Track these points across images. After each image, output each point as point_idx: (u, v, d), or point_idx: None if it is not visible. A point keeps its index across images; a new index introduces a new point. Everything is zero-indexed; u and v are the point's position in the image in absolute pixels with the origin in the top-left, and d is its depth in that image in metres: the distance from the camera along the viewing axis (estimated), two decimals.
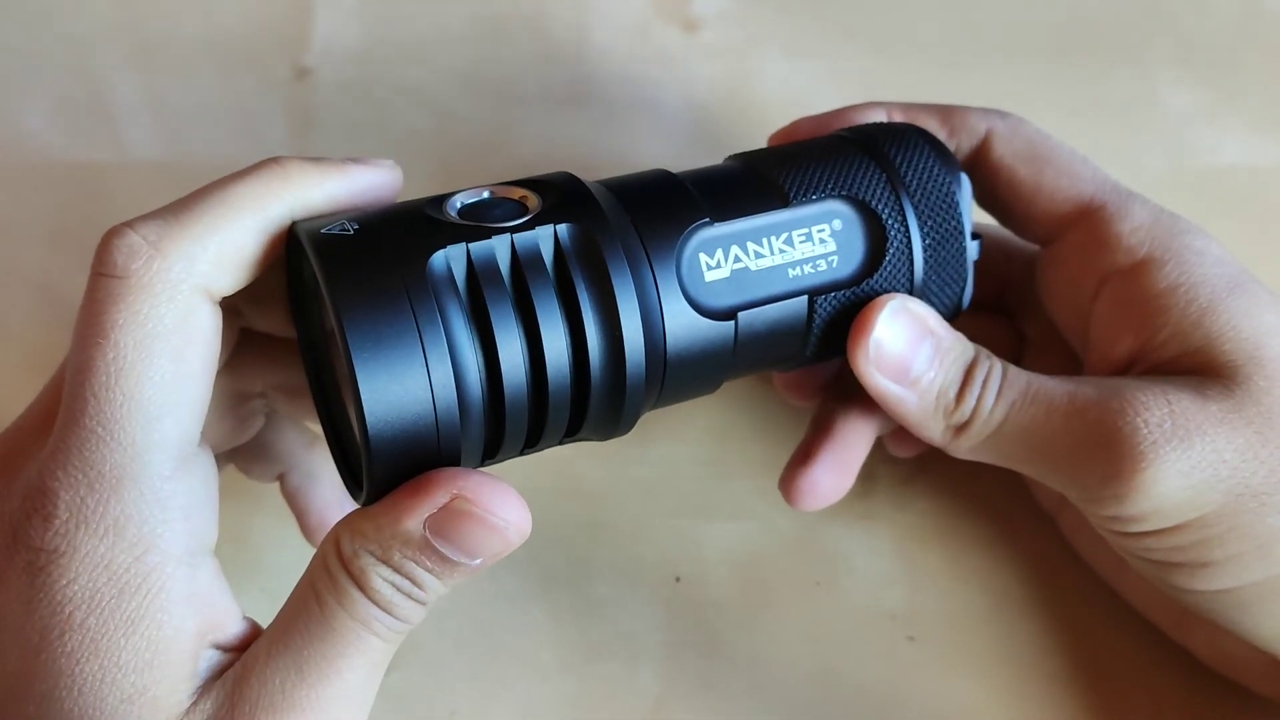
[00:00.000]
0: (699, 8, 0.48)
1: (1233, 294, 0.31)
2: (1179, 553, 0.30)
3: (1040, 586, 0.39)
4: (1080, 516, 0.38)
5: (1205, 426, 0.29)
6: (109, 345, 0.26)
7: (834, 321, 0.32)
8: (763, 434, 0.41)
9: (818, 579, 0.39)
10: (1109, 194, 0.34)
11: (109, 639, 0.26)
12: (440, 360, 0.26)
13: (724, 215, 0.30)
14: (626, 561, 0.39)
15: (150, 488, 0.26)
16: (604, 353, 0.28)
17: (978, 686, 0.37)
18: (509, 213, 0.28)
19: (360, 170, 0.29)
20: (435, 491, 0.26)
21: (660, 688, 0.37)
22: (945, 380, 0.31)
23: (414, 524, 0.26)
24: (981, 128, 0.35)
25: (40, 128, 0.46)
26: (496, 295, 0.27)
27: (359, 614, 0.27)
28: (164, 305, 0.26)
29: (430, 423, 0.26)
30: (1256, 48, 0.48)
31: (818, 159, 0.32)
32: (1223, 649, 0.35)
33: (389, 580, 0.27)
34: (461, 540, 0.26)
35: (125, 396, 0.26)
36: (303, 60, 0.47)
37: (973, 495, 0.40)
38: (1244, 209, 0.44)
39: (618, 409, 0.29)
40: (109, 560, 0.26)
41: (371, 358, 0.25)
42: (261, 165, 0.28)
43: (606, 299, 0.28)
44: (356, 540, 0.27)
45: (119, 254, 0.26)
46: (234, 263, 0.27)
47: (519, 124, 0.46)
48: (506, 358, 0.27)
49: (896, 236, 0.32)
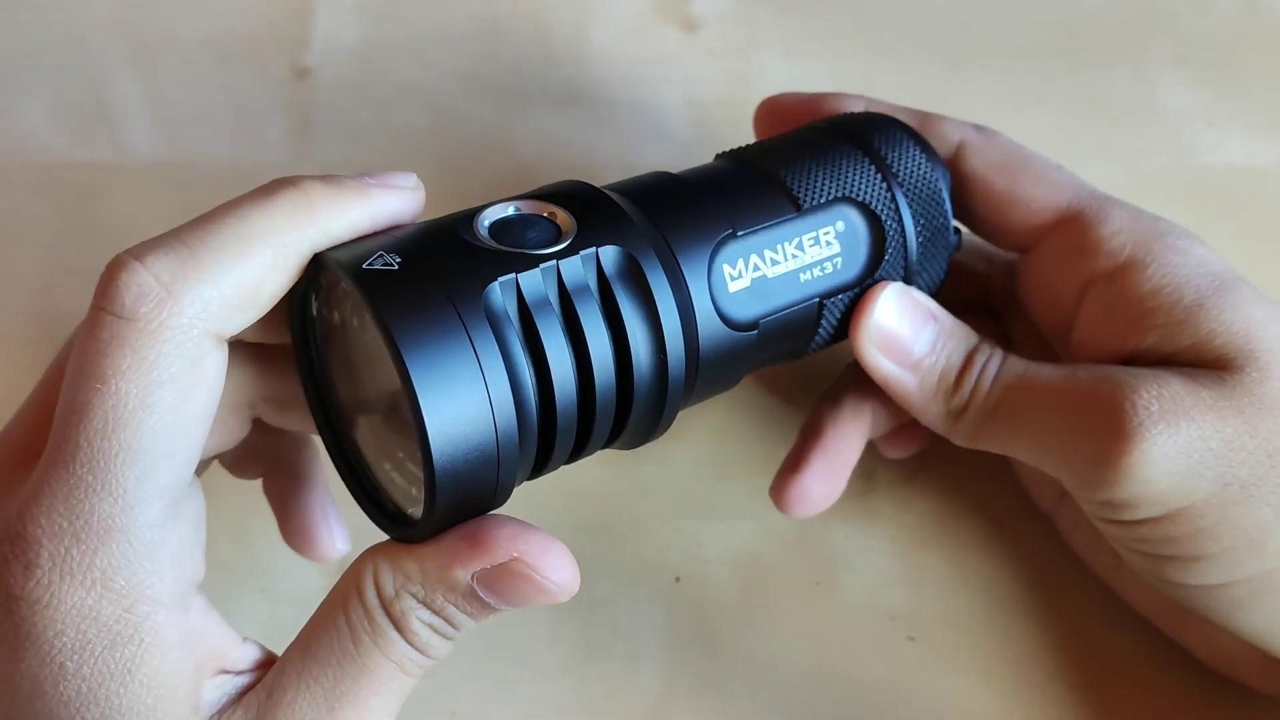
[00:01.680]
0: (699, 8, 0.48)
1: (1218, 292, 0.31)
2: (1171, 545, 0.30)
3: (1040, 586, 0.39)
4: (1077, 515, 0.38)
5: (1194, 411, 0.29)
6: (109, 392, 0.24)
7: (839, 319, 0.32)
8: (763, 434, 0.41)
9: (818, 579, 0.39)
10: (1086, 199, 0.34)
11: (106, 688, 0.25)
12: (499, 389, 0.25)
13: (744, 225, 0.30)
14: (626, 561, 0.39)
15: (140, 539, 0.25)
16: (649, 368, 0.28)
17: (978, 686, 0.37)
18: (545, 235, 0.28)
19: (383, 195, 0.28)
20: (495, 550, 0.26)
21: (660, 688, 0.37)
22: (947, 364, 0.32)
23: (464, 574, 0.26)
24: (955, 138, 0.35)
25: (40, 128, 0.46)
26: (548, 322, 0.27)
27: (394, 655, 0.26)
28: (173, 354, 0.25)
29: (492, 455, 0.25)
30: (1256, 48, 0.48)
31: (817, 159, 0.32)
32: (1219, 646, 0.35)
33: (428, 623, 0.26)
34: (509, 595, 0.26)
35: (121, 447, 0.24)
36: (303, 60, 0.47)
37: (973, 495, 0.40)
38: (1244, 209, 0.44)
39: (657, 417, 0.29)
40: (97, 613, 0.25)
41: (434, 389, 0.24)
42: (281, 188, 0.27)
43: (652, 320, 0.28)
44: (399, 580, 0.26)
45: (127, 294, 0.24)
46: (251, 304, 0.26)
47: (519, 124, 0.46)
48: (558, 376, 0.27)
49: (894, 236, 0.32)
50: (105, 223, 0.44)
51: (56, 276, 0.43)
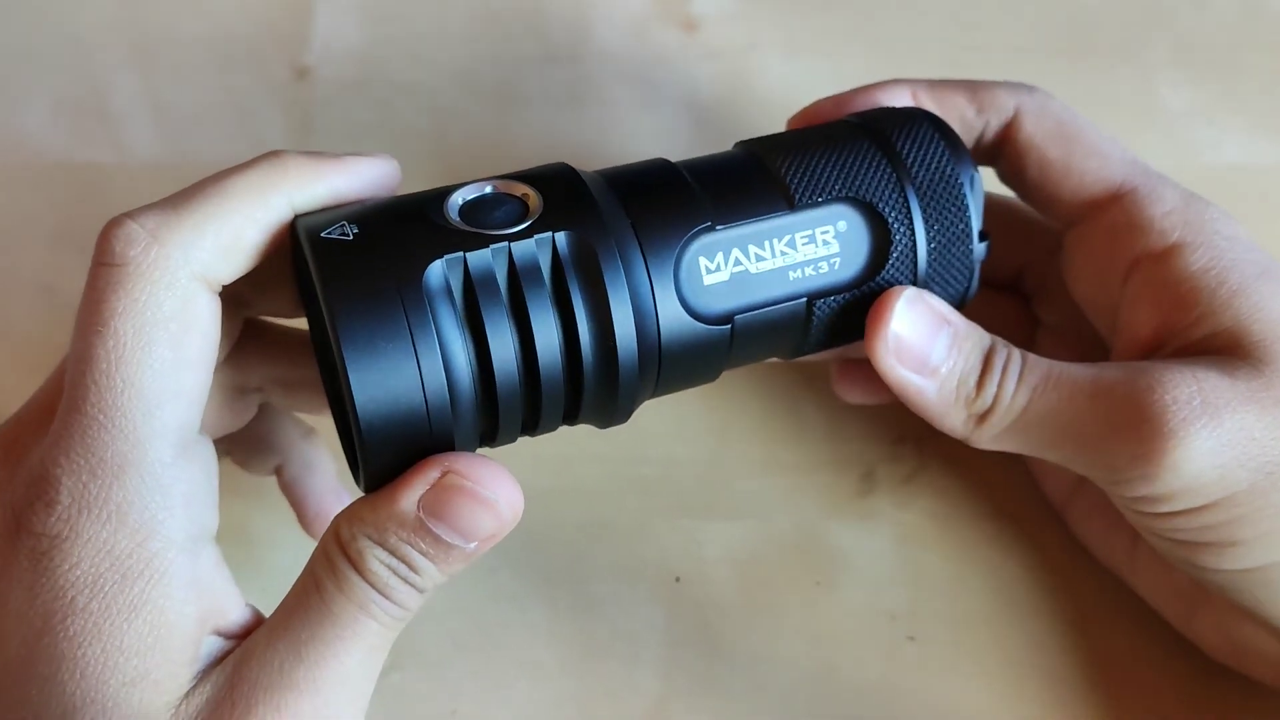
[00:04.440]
0: (699, 8, 0.48)
1: (1261, 279, 0.31)
2: (1207, 532, 0.30)
3: (1041, 586, 0.39)
4: (1089, 507, 0.38)
5: (1234, 404, 0.29)
6: (108, 333, 0.26)
7: (833, 320, 0.32)
8: (763, 434, 0.41)
9: (818, 579, 0.39)
10: (1139, 177, 0.34)
11: (111, 623, 0.26)
12: (430, 352, 0.26)
13: (727, 218, 0.30)
14: (626, 561, 0.39)
15: (151, 474, 0.26)
16: (597, 354, 0.28)
17: (978, 686, 0.37)
18: (510, 215, 0.28)
19: (359, 164, 0.29)
20: (426, 469, 0.27)
21: (660, 687, 0.37)
22: (965, 368, 0.31)
23: (407, 504, 0.27)
24: (1010, 105, 0.35)
25: (40, 128, 0.46)
26: (491, 301, 0.27)
27: (356, 597, 0.27)
28: (163, 292, 0.26)
29: (420, 409, 0.26)
30: (1256, 48, 0.48)
31: (825, 154, 0.31)
32: (1232, 638, 0.35)
33: (385, 563, 0.27)
34: (454, 518, 0.27)
35: (125, 383, 0.26)
36: (303, 60, 0.47)
37: (974, 494, 0.40)
38: (1244, 209, 0.44)
39: (613, 402, 0.29)
40: (111, 545, 0.26)
41: (362, 352, 0.26)
42: (261, 158, 0.28)
43: (601, 310, 0.28)
44: (354, 525, 0.27)
45: (118, 242, 0.27)
46: (233, 251, 0.28)
47: (519, 124, 0.46)
48: (498, 350, 0.27)
49: (901, 240, 0.31)
50: (105, 222, 0.44)
51: (56, 276, 0.43)
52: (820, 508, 0.40)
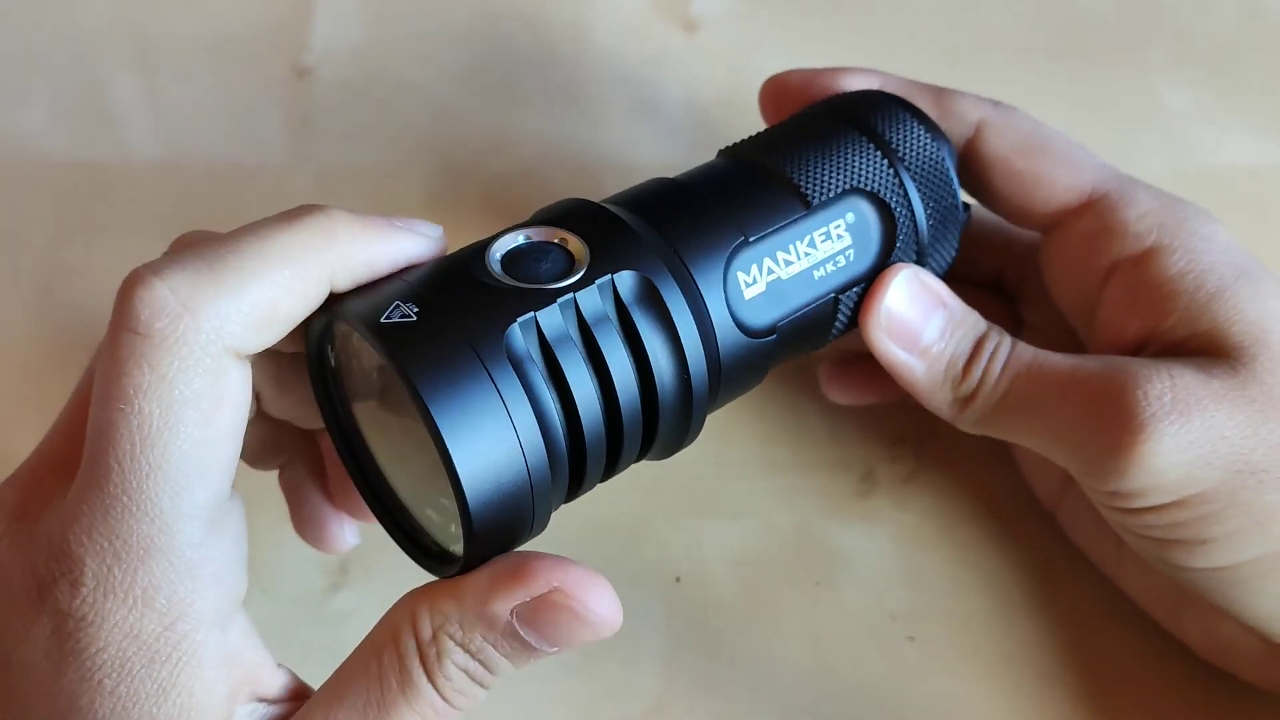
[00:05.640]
0: (699, 8, 0.48)
1: (1240, 280, 0.31)
2: (1178, 529, 0.31)
3: (1040, 586, 0.39)
4: (1078, 509, 0.38)
5: (1206, 401, 0.29)
6: (133, 412, 0.24)
7: (853, 311, 0.32)
8: (763, 434, 0.41)
9: (818, 579, 0.39)
10: (1111, 181, 0.34)
11: (140, 706, 0.25)
12: (526, 426, 0.25)
13: (755, 229, 0.30)
14: (627, 561, 0.39)
15: (180, 557, 0.25)
16: (673, 386, 0.28)
17: (978, 686, 0.37)
18: (559, 266, 0.28)
19: (405, 238, 0.28)
20: (534, 580, 0.25)
21: (660, 688, 0.37)
22: (955, 351, 0.32)
23: (503, 608, 0.25)
24: (974, 117, 0.35)
25: (40, 128, 0.46)
26: (570, 356, 0.27)
27: (420, 706, 0.26)
28: (192, 369, 0.25)
29: (525, 490, 0.25)
30: (1256, 48, 0.48)
31: (821, 150, 0.32)
32: (1217, 636, 0.35)
33: (462, 667, 0.26)
34: (550, 631, 0.26)
35: (151, 467, 0.24)
36: (303, 60, 0.47)
37: (974, 494, 0.40)
38: (1244, 209, 0.44)
39: (685, 429, 0.29)
40: (138, 631, 0.25)
41: (466, 445, 0.25)
42: (306, 213, 0.27)
43: (673, 340, 0.28)
44: (436, 620, 0.26)
45: (144, 309, 0.24)
46: (267, 322, 0.26)
47: (519, 124, 0.46)
48: (584, 405, 0.27)
49: (905, 222, 0.32)
50: (105, 223, 0.44)
51: (56, 276, 0.43)
52: (820, 508, 0.40)
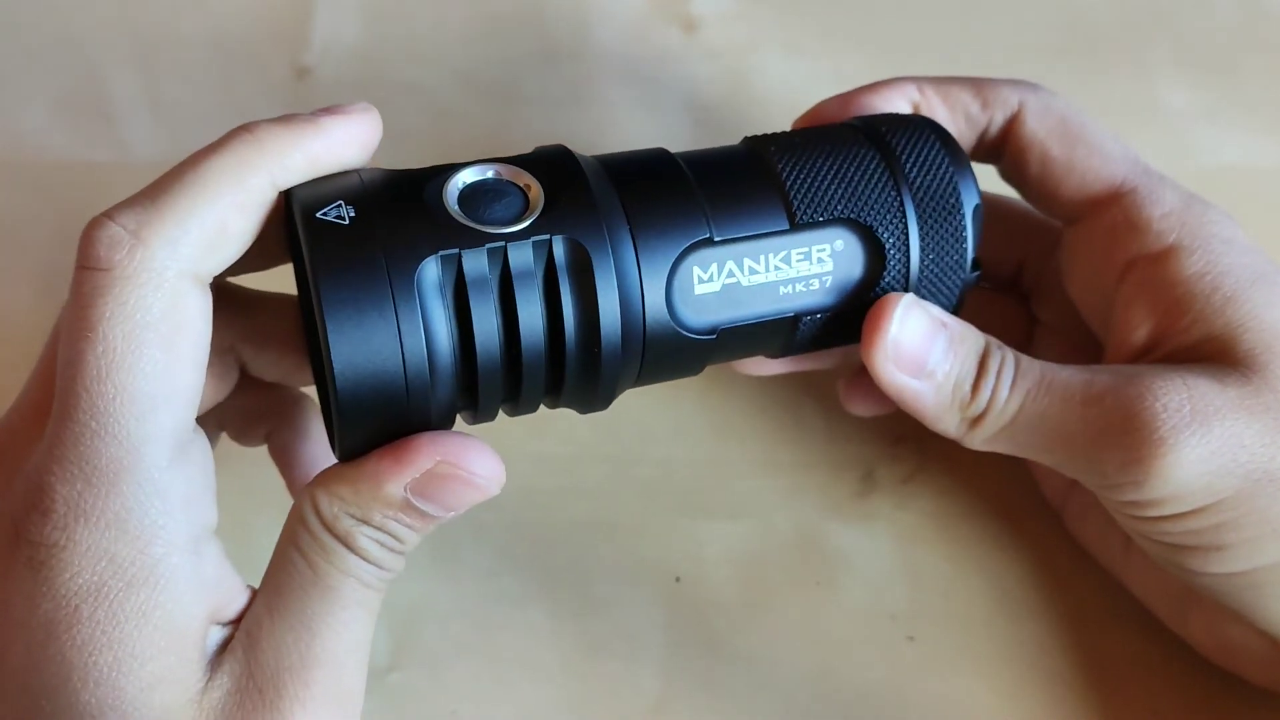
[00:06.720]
0: (699, 8, 0.48)
1: (1256, 284, 0.31)
2: (1195, 536, 0.31)
3: (1041, 586, 0.39)
4: (1085, 506, 0.38)
5: (1224, 411, 0.29)
6: (97, 339, 0.26)
7: (818, 333, 0.31)
8: (763, 434, 0.41)
9: (818, 579, 0.39)
10: (1140, 176, 0.34)
11: (121, 629, 0.26)
12: (413, 328, 0.26)
13: (726, 231, 0.29)
14: (626, 561, 0.39)
15: (148, 480, 0.26)
16: (581, 356, 0.28)
17: (978, 686, 0.37)
18: (510, 211, 0.28)
19: (335, 123, 0.29)
20: (419, 458, 0.27)
21: (660, 687, 0.37)
22: (961, 371, 0.31)
23: (395, 488, 0.27)
24: (1014, 101, 0.35)
25: (40, 128, 0.46)
26: (481, 298, 0.27)
27: (350, 569, 0.28)
28: (150, 295, 0.26)
29: (399, 379, 0.26)
30: (1256, 48, 0.48)
31: (829, 164, 0.31)
32: (1222, 638, 0.35)
33: (373, 539, 0.28)
34: (443, 498, 0.28)
35: (117, 390, 0.26)
36: (303, 60, 0.47)
37: (974, 494, 0.40)
38: (1244, 209, 0.44)
39: (593, 394, 0.29)
40: (113, 554, 0.26)
41: (345, 321, 0.26)
42: (232, 135, 0.28)
43: (589, 317, 0.28)
44: (335, 504, 0.27)
45: (100, 246, 0.26)
46: (218, 242, 0.27)
47: (519, 123, 0.46)
48: (481, 330, 0.27)
49: (895, 266, 0.31)
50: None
51: (56, 276, 0.43)
52: (820, 508, 0.40)
